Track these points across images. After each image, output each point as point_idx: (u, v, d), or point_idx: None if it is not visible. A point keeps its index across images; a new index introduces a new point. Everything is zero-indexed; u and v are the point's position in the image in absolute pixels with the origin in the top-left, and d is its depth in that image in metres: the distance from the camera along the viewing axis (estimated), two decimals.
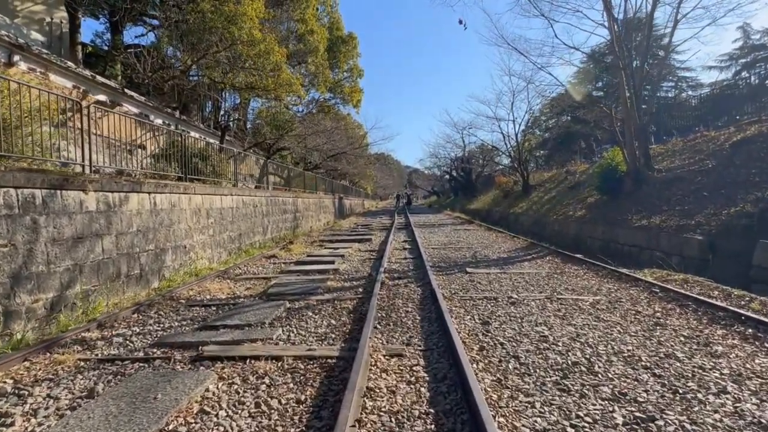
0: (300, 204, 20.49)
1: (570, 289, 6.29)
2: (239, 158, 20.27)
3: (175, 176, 11.03)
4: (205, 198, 10.94)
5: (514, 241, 12.86)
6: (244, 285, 7.39)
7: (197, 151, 13.20)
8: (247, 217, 13.49)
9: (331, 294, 6.34)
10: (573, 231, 13.58)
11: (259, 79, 17.19)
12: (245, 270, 9.01)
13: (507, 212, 22.66)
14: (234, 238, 12.29)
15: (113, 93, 15.58)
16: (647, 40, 12.34)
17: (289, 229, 18.04)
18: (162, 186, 8.90)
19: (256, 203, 14.44)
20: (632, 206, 11.64)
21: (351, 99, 33.34)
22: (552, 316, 4.94)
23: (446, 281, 7.09)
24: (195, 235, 10.15)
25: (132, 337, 4.53)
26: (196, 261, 9.93)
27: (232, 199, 12.50)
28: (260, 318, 4.99)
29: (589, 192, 15.94)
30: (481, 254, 10.30)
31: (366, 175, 63.11)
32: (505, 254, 10.26)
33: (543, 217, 16.87)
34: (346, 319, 5.06)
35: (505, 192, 27.31)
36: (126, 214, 7.52)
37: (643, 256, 9.56)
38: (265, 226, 15.11)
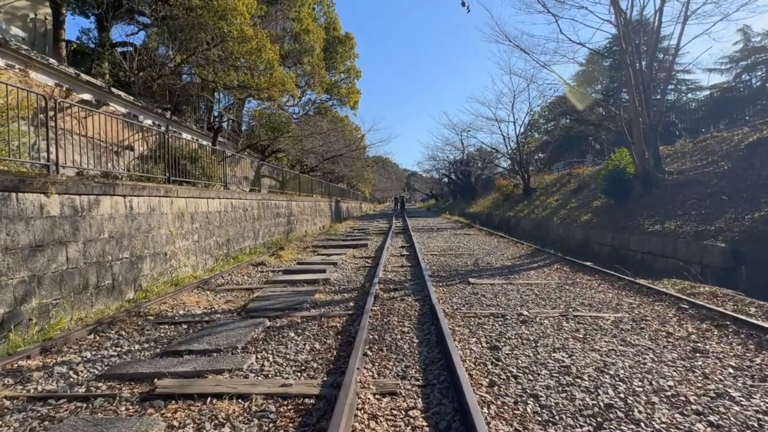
0: (294, 207, 19.81)
1: (586, 304, 5.61)
2: (233, 161, 19.60)
3: (163, 179, 10.42)
4: (190, 201, 10.25)
5: (517, 247, 12.19)
6: (224, 297, 6.69)
7: (186, 153, 12.59)
8: (237, 221, 12.80)
9: (318, 309, 5.65)
10: (579, 236, 12.93)
11: (252, 78, 16.55)
12: (228, 279, 8.31)
13: (508, 216, 22.01)
14: (221, 243, 11.61)
15: (99, 92, 14.89)
16: (657, 34, 11.73)
17: (283, 233, 17.35)
18: (140, 188, 8.22)
19: (246, 207, 13.76)
20: (643, 211, 10.99)
21: (348, 100, 32.71)
22: (570, 339, 4.26)
23: (447, 294, 6.41)
24: (177, 241, 9.46)
25: (79, 366, 3.84)
26: (178, 269, 9.24)
27: (219, 202, 11.82)
28: (233, 341, 4.30)
29: (594, 195, 15.30)
30: (483, 262, 9.63)
31: (364, 178, 62.49)
32: (509, 262, 9.59)
33: (546, 222, 16.21)
34: (333, 341, 4.37)
35: (506, 195, 26.68)
36: (96, 219, 6.83)
37: (658, 264, 8.90)
38: (257, 231, 14.43)
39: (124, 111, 17.39)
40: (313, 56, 24.62)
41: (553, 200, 18.42)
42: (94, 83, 14.57)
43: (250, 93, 18.02)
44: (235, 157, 20.52)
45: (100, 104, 14.88)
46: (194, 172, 12.57)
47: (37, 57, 11.74)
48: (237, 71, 16.61)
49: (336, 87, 31.90)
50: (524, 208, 20.95)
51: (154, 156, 11.42)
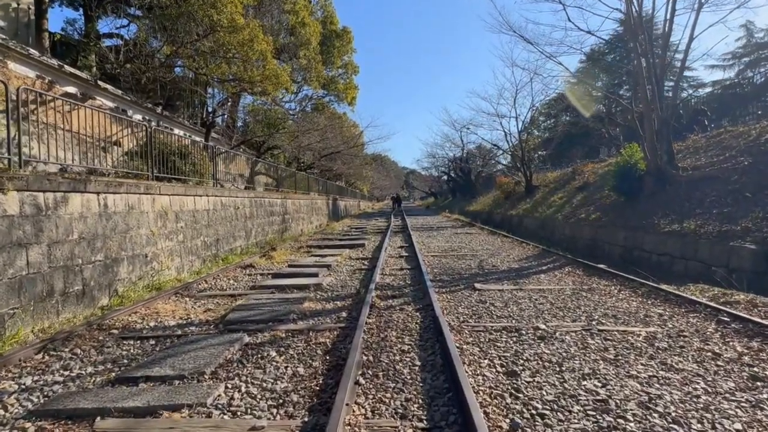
0: (290, 206, 19.12)
1: (610, 315, 4.95)
2: (228, 158, 18.87)
3: (146, 175, 9.79)
4: (174, 199, 9.58)
5: (523, 248, 11.53)
6: (203, 305, 6.02)
7: (176, 149, 11.92)
8: (227, 220, 12.13)
9: (307, 321, 4.98)
10: (587, 236, 12.28)
11: (244, 71, 15.84)
12: (213, 284, 7.64)
13: (509, 214, 21.35)
14: (210, 243, 10.94)
15: (85, 85, 14.18)
16: (670, 21, 11.06)
17: (277, 232, 16.68)
18: (116, 185, 7.54)
19: (237, 205, 13.07)
20: (657, 209, 10.34)
21: (346, 96, 31.97)
22: (600, 361, 3.60)
23: (451, 302, 5.74)
24: (160, 241, 8.79)
25: (11, 398, 3.16)
26: (160, 272, 8.58)
27: (208, 200, 11.15)
28: (202, 363, 3.64)
29: (601, 193, 14.65)
30: (488, 264, 8.97)
31: (362, 176, 61.84)
32: (516, 264, 8.93)
33: (551, 221, 15.56)
34: (320, 363, 3.70)
35: (507, 193, 26.01)
36: (64, 219, 6.15)
37: (677, 266, 8.26)
38: (248, 230, 13.75)
39: (112, 105, 16.69)
40: (309, 50, 23.91)
41: (558, 198, 17.77)
42: (79, 76, 13.88)
43: (243, 87, 17.31)
44: (229, 154, 19.83)
45: (86, 98, 14.19)
46: (184, 169, 11.93)
47: (16, 47, 11.03)
48: (229, 64, 15.91)
49: (333, 82, 31.17)
50: (527, 206, 20.30)
51: (142, 152, 10.80)
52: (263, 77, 15.90)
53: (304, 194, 23.76)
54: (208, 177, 12.59)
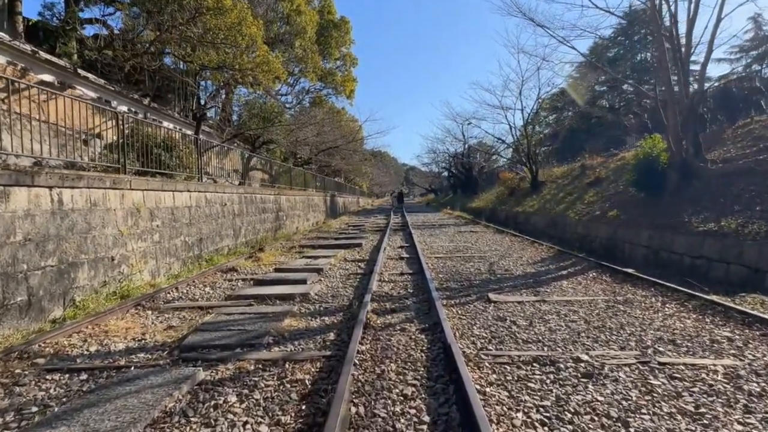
0: (284, 202, 18.10)
1: (666, 339, 3.93)
2: (222, 152, 17.82)
3: (123, 168, 8.86)
4: (149, 195, 8.56)
5: (535, 249, 10.51)
6: (165, 322, 5.01)
7: (161, 141, 10.92)
8: (212, 217, 11.11)
9: (284, 347, 3.97)
10: (604, 235, 11.26)
11: (233, 58, 14.78)
12: (185, 292, 6.62)
13: (515, 211, 20.33)
14: (192, 244, 9.94)
15: (63, 73, 13.14)
16: None
17: (270, 230, 15.67)
18: (73, 179, 6.51)
19: (225, 201, 12.05)
20: (685, 206, 9.33)
21: (344, 89, 30.86)
22: (679, 416, 2.59)
23: (463, 318, 4.73)
24: (130, 242, 7.78)
25: None
26: (130, 276, 7.57)
27: (189, 196, 10.13)
28: (127, 420, 2.62)
29: (616, 188, 13.64)
30: (499, 268, 7.95)
31: (361, 172, 60.84)
32: (531, 268, 7.91)
33: (561, 218, 14.54)
34: (291, 419, 2.69)
35: (511, 189, 24.98)
36: (4, 218, 5.13)
37: (715, 271, 7.24)
38: (237, 229, 12.74)
39: (94, 95, 15.65)
40: (305, 39, 22.83)
41: (567, 194, 16.75)
42: (57, 63, 12.84)
43: (232, 75, 16.25)
44: (223, 149, 18.76)
45: (65, 87, 13.18)
46: (169, 163, 10.94)
47: None
48: (217, 50, 14.84)
49: (331, 74, 30.07)
50: (533, 202, 19.27)
51: (122, 144, 9.85)
52: (254, 65, 14.84)
53: (301, 190, 22.75)
54: (196, 171, 11.60)
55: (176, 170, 11.10)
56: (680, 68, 10.49)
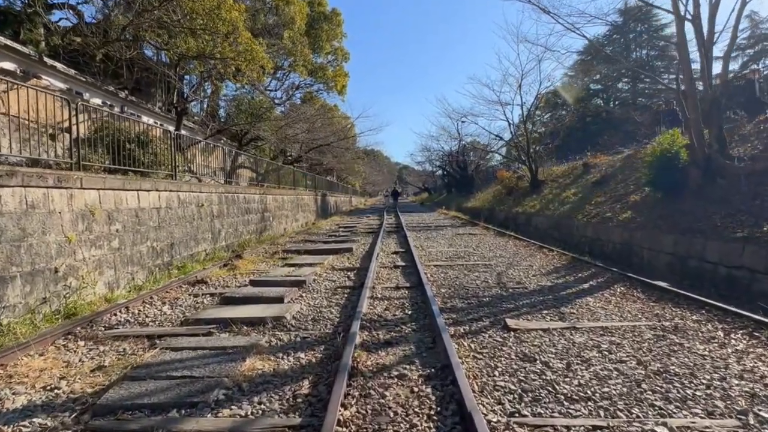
0: (270, 202, 16.94)
1: (764, 396, 2.89)
2: (207, 149, 16.61)
3: (74, 164, 7.75)
4: (107, 194, 7.41)
5: (544, 255, 9.48)
6: (95, 360, 3.89)
7: (134, 136, 9.81)
8: (186, 219, 9.97)
9: (236, 410, 2.85)
10: (617, 239, 10.26)
11: (214, 46, 13.61)
12: (135, 313, 5.48)
13: (514, 212, 19.34)
14: (161, 250, 8.82)
15: (26, 61, 11.91)
16: None
17: (254, 232, 14.53)
18: (1, 175, 5.38)
19: (202, 201, 10.90)
20: (714, 208, 8.34)
21: (335, 84, 29.65)
22: None
23: (479, 358, 3.67)
24: (81, 250, 6.63)
25: None
26: (80, 290, 6.43)
27: (158, 195, 8.98)
28: None
29: (626, 187, 12.68)
30: (509, 278, 6.90)
31: (354, 171, 59.76)
32: (546, 279, 6.87)
33: (567, 220, 13.55)
34: None
35: (509, 188, 23.99)
36: None
37: (760, 284, 6.24)
38: (216, 231, 11.59)
39: (62, 86, 14.40)
40: (294, 30, 21.65)
41: (571, 194, 15.77)
42: (20, 50, 11.62)
43: (214, 65, 15.06)
44: (209, 146, 17.56)
45: (29, 76, 11.94)
46: (143, 159, 9.82)
47: None
48: (196, 37, 13.66)
49: (321, 69, 28.87)
50: (534, 202, 18.28)
51: (92, 139, 8.81)
52: (236, 53, 13.67)
53: (290, 189, 21.59)
54: (170, 169, 10.48)
55: (152, 167, 10.02)
56: (703, 55, 9.51)
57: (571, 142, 28.10)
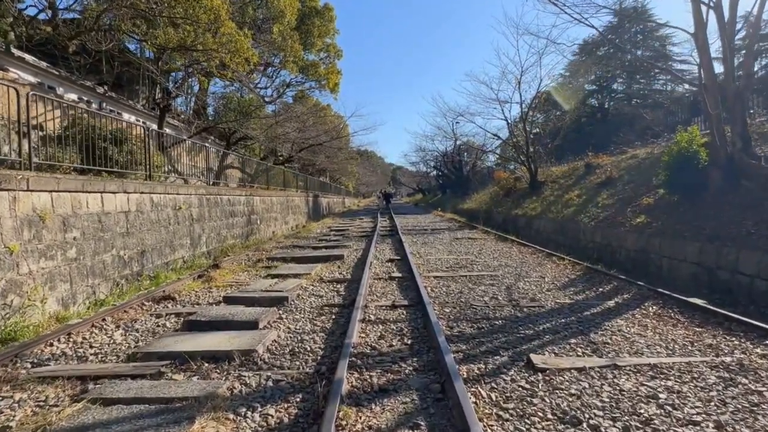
0: (257, 204, 15.99)
1: None
2: (194, 149, 15.62)
3: (22, 162, 6.81)
4: (61, 197, 6.46)
5: (554, 263, 8.64)
6: (3, 419, 2.97)
7: (108, 133, 8.88)
8: (160, 224, 9.03)
9: None
10: (631, 245, 9.45)
11: (195, 36, 12.64)
12: (78, 342, 4.54)
13: (514, 214, 18.52)
14: (129, 258, 7.87)
15: None
16: None
17: (240, 236, 13.57)
18: None
19: (179, 204, 9.95)
20: (742, 212, 7.55)
21: (328, 82, 28.68)
22: None
23: (505, 417, 2.78)
24: (27, 262, 5.69)
25: None
26: (25, 309, 5.51)
27: (127, 198, 8.03)
28: None
29: (636, 189, 11.89)
30: (521, 294, 6.05)
31: (347, 172, 58.88)
32: (564, 296, 6.01)
33: (572, 223, 12.74)
34: None
35: (506, 189, 23.19)
36: None
37: None
38: (196, 236, 10.65)
39: (33, 80, 13.40)
40: (284, 24, 20.70)
41: (574, 196, 14.97)
42: None
43: (196, 58, 14.09)
44: (196, 145, 16.56)
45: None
46: (119, 158, 8.92)
47: None
48: (176, 28, 12.70)
49: (313, 66, 27.90)
50: (535, 204, 17.48)
51: (62, 136, 7.90)
52: (219, 45, 12.71)
53: (280, 190, 20.63)
54: (149, 168, 9.57)
55: (130, 167, 9.13)
56: (726, 46, 8.73)
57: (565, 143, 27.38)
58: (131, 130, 9.76)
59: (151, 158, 10.24)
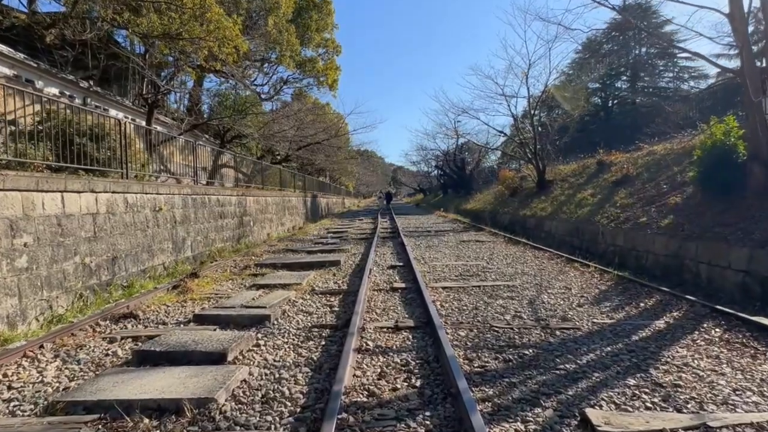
0: (251, 205, 15.01)
1: None
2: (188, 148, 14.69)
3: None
4: (9, 197, 5.54)
5: (578, 272, 7.66)
6: None
7: (86, 128, 7.94)
8: (136, 227, 8.07)
9: None
10: (660, 249, 8.46)
11: (180, 23, 11.69)
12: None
13: (522, 215, 17.54)
14: (97, 266, 6.93)
15: None
16: None
17: (230, 239, 12.60)
18: None
19: (159, 204, 8.99)
20: None
21: (326, 78, 27.65)
22: None
23: None
24: None
25: None
26: None
27: (95, 198, 7.08)
28: None
29: (658, 187, 10.92)
30: (549, 311, 5.08)
31: (347, 172, 57.98)
32: (600, 313, 5.04)
33: (588, 225, 11.75)
34: None
35: (512, 189, 22.21)
36: None
37: None
38: (180, 240, 9.69)
39: (9, 72, 12.46)
40: (279, 15, 19.72)
41: (588, 195, 13.99)
42: None
43: (182, 47, 13.11)
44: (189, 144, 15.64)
45: None
46: (97, 155, 7.98)
47: None
48: (160, 15, 11.75)
49: (311, 62, 26.92)
50: (544, 204, 16.50)
51: (35, 131, 6.96)
52: (206, 32, 11.75)
53: (276, 190, 19.66)
54: (125, 166, 8.59)
55: (111, 165, 8.23)
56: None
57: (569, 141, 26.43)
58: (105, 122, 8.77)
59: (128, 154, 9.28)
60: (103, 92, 17.52)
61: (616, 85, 59.19)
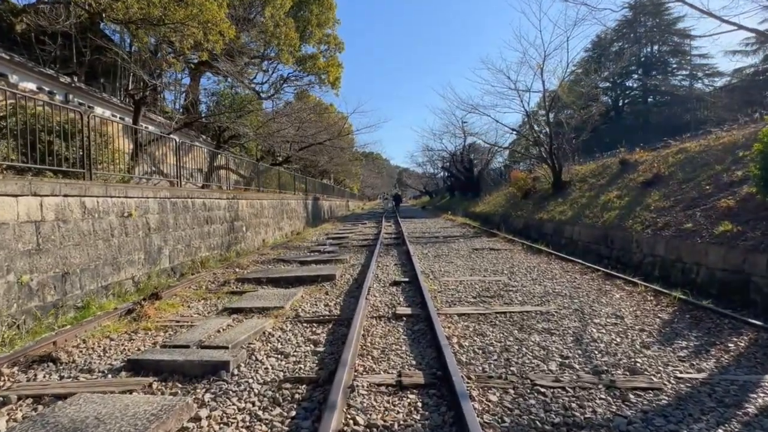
0: (244, 208, 13.75)
1: None
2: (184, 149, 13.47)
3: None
4: None
5: (623, 291, 6.28)
6: None
7: (55, 124, 6.74)
8: (97, 236, 6.80)
9: None
10: (716, 263, 7.08)
11: (161, 9, 10.49)
12: None
13: (537, 219, 16.15)
14: (41, 285, 5.68)
15: None
16: None
17: (219, 247, 11.33)
18: None
19: (129, 209, 7.72)
20: None
21: (328, 75, 26.41)
22: None
23: None
24: None
25: None
26: None
27: (39, 203, 5.83)
28: None
29: (699, 188, 9.54)
30: (607, 355, 3.75)
31: (351, 174, 56.83)
32: (680, 361, 3.69)
33: (619, 231, 10.35)
34: None
35: (524, 191, 20.81)
36: None
37: None
38: (155, 250, 8.44)
39: None
40: (276, 7, 18.52)
41: (613, 197, 12.59)
42: None
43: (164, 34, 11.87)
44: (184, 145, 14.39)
45: None
46: (67, 154, 6.80)
47: None
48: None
49: (312, 59, 25.71)
50: (562, 207, 15.11)
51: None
52: (187, 16, 10.53)
53: (273, 193, 18.40)
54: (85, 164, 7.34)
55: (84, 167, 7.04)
56: None
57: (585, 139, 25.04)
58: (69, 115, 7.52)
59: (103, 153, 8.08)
60: (87, 89, 16.37)
61: (627, 84, 57.45)
